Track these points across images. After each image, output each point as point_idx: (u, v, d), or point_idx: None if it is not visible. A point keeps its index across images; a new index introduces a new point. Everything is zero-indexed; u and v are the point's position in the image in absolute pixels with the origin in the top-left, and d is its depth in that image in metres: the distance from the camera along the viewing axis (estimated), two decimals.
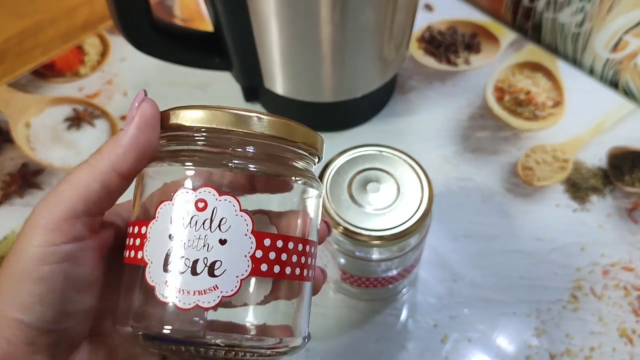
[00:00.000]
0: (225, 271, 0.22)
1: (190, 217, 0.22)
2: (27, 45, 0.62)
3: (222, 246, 0.22)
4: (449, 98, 0.57)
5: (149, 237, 0.23)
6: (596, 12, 0.56)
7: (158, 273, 0.22)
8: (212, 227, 0.22)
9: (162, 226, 0.22)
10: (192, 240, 0.22)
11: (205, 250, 0.22)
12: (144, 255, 0.23)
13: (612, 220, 0.49)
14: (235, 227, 0.22)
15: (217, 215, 0.22)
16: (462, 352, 0.43)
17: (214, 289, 0.22)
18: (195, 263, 0.22)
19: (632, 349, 0.43)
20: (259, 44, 0.46)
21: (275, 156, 0.24)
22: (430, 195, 0.37)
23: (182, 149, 0.24)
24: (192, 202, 0.22)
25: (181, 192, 0.22)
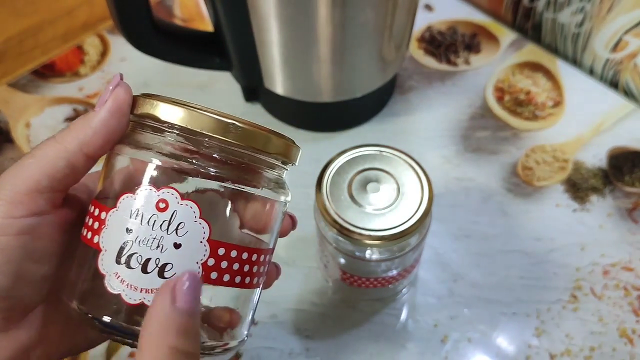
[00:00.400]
0: (175, 274, 0.22)
1: (150, 215, 0.22)
2: (27, 45, 0.62)
3: (176, 250, 0.22)
4: (449, 98, 0.57)
5: (107, 224, 0.23)
6: (596, 12, 0.56)
7: (110, 263, 0.22)
8: (168, 230, 0.22)
9: (121, 217, 0.22)
10: (148, 239, 0.22)
11: (158, 251, 0.22)
12: (99, 240, 0.23)
13: (612, 220, 0.49)
14: (192, 233, 0.22)
15: (176, 218, 0.22)
16: (462, 352, 0.43)
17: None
18: (147, 262, 0.22)
19: (632, 349, 0.43)
20: (259, 44, 0.46)
21: (244, 164, 0.24)
22: (430, 195, 0.37)
23: (151, 141, 0.24)
24: (153, 201, 0.22)
25: (144, 188, 0.22)
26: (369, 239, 0.36)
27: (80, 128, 0.23)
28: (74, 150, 0.23)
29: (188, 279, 0.20)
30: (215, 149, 0.23)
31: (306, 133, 0.55)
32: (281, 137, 0.25)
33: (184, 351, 0.19)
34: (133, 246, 0.22)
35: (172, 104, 0.23)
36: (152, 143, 0.24)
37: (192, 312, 0.20)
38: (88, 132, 0.23)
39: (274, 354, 0.43)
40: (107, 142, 0.24)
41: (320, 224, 0.39)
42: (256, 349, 0.43)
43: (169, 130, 0.23)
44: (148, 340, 0.19)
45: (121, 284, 0.22)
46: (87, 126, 0.23)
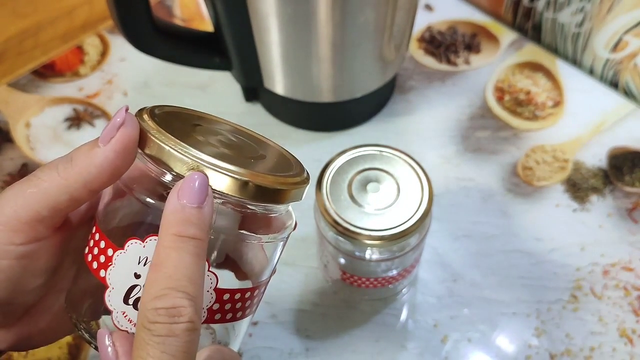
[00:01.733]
0: None
1: None
2: (27, 45, 0.62)
3: None
4: (449, 98, 0.57)
5: (114, 262, 0.23)
6: (596, 12, 0.56)
7: (118, 301, 0.23)
8: None
9: (129, 261, 0.23)
10: None
11: None
12: (106, 275, 0.23)
13: (612, 220, 0.49)
14: None
15: None
16: (462, 352, 0.43)
17: None
18: None
19: (632, 349, 0.43)
20: (259, 44, 0.46)
21: (253, 215, 0.24)
22: (430, 195, 0.37)
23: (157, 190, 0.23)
24: None
25: (154, 238, 0.23)
26: (369, 239, 0.36)
27: (84, 166, 0.23)
28: (77, 187, 0.23)
29: (190, 180, 0.22)
30: (227, 202, 0.23)
31: (306, 133, 0.55)
32: (294, 180, 0.25)
33: (188, 235, 0.21)
34: (141, 290, 0.22)
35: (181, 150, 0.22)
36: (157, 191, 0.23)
37: (194, 204, 0.22)
38: (92, 171, 0.23)
39: (274, 354, 0.43)
40: (111, 179, 0.24)
41: (320, 224, 0.39)
42: (256, 349, 0.43)
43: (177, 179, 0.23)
44: (159, 232, 0.22)
45: (129, 323, 0.23)
46: (92, 164, 0.23)
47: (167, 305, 0.20)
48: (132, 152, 0.23)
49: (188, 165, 0.22)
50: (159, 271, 0.21)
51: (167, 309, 0.20)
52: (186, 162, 0.22)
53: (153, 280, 0.21)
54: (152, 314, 0.20)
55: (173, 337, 0.20)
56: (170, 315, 0.20)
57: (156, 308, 0.20)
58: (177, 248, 0.21)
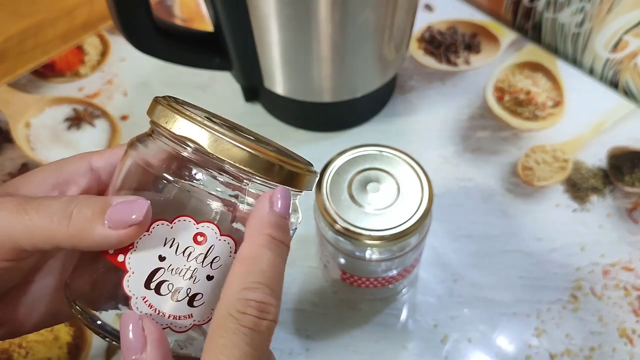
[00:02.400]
0: (203, 303, 0.23)
1: (186, 247, 0.22)
2: (27, 45, 0.62)
3: (208, 281, 0.23)
4: (449, 98, 0.57)
5: (136, 246, 0.22)
6: (596, 12, 0.56)
7: (138, 286, 0.22)
8: (204, 262, 0.23)
9: (154, 243, 0.22)
10: (182, 269, 0.22)
11: (191, 281, 0.23)
12: (125, 260, 0.22)
13: (612, 220, 0.49)
14: (225, 266, 0.23)
15: (213, 253, 0.23)
16: (462, 352, 0.43)
17: (188, 317, 0.23)
18: (178, 290, 0.22)
19: (632, 349, 0.43)
20: (259, 44, 0.46)
21: None
22: (430, 195, 0.37)
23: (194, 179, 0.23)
24: (191, 234, 0.22)
25: (183, 219, 0.22)
26: (369, 239, 0.36)
27: (79, 234, 0.22)
28: (65, 244, 0.23)
29: (281, 192, 0.24)
30: (253, 185, 0.24)
31: (306, 133, 0.55)
32: (308, 167, 0.26)
33: (277, 239, 0.23)
34: (165, 274, 0.22)
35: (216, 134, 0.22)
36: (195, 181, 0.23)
37: (284, 215, 0.24)
38: (86, 241, 0.22)
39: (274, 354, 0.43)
40: (92, 249, 0.23)
41: (320, 224, 0.39)
42: None
43: (217, 171, 0.23)
44: (250, 232, 0.23)
45: (149, 308, 0.22)
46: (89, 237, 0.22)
47: (258, 298, 0.21)
48: (133, 240, 0.23)
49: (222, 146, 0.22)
50: (253, 265, 0.22)
51: (258, 302, 0.21)
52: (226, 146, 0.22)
53: (245, 272, 0.22)
54: (242, 304, 0.21)
55: (257, 331, 0.21)
56: (260, 310, 0.21)
57: (247, 299, 0.21)
58: (271, 248, 0.22)
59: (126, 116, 0.56)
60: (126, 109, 0.57)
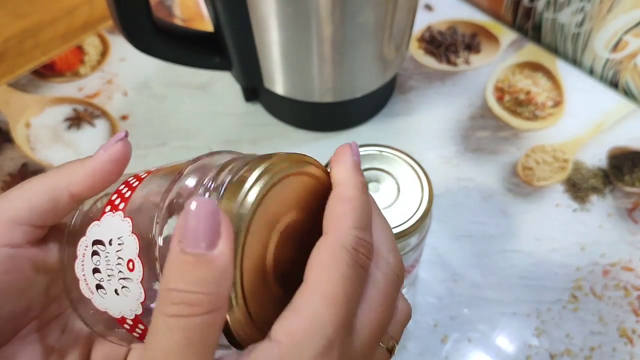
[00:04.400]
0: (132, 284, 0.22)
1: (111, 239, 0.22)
2: (27, 45, 0.62)
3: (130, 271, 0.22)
4: (449, 98, 0.57)
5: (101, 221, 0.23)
6: (596, 12, 0.56)
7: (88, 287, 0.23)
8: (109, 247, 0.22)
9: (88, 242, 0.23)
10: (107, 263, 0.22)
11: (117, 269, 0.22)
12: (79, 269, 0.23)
13: (612, 220, 0.49)
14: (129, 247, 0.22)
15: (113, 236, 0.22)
16: (462, 352, 0.42)
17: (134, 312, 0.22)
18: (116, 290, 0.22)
19: (632, 349, 0.43)
20: (259, 44, 0.46)
21: None
22: (430, 195, 0.37)
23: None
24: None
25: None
26: None
27: (71, 168, 0.23)
28: (60, 187, 0.23)
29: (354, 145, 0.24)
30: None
31: (306, 133, 0.55)
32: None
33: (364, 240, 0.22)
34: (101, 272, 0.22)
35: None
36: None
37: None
38: (79, 172, 0.23)
39: None
40: (94, 186, 0.24)
41: None
42: None
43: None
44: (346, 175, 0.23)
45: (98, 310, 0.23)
46: (80, 166, 0.23)
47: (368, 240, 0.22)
48: (124, 166, 0.24)
49: None
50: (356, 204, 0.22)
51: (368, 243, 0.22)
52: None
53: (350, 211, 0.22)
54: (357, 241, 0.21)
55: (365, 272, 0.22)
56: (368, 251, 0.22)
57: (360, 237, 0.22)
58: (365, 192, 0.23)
59: (126, 116, 0.56)
60: (126, 109, 0.57)
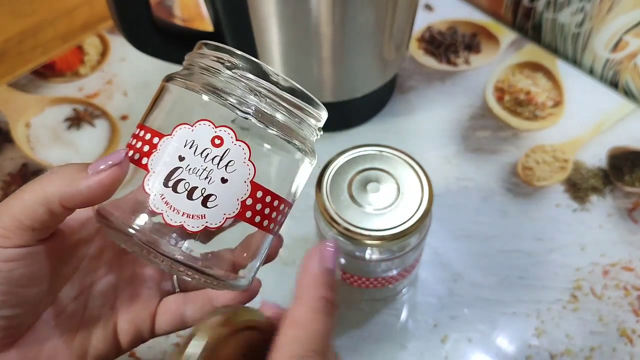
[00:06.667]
0: (216, 206, 0.24)
1: (204, 148, 0.24)
2: (27, 45, 0.62)
3: (222, 184, 0.24)
4: (449, 98, 0.57)
5: (159, 149, 0.24)
6: (596, 12, 0.56)
7: (157, 185, 0.24)
8: (219, 165, 0.24)
9: (175, 145, 0.24)
10: (198, 169, 0.24)
11: (206, 182, 0.24)
12: (148, 162, 0.24)
13: (612, 220, 0.49)
14: (239, 172, 0.24)
15: (228, 156, 0.24)
16: (462, 352, 0.43)
17: (201, 217, 0.24)
18: (193, 189, 0.24)
19: (632, 349, 0.43)
20: (259, 44, 0.46)
21: (289, 121, 0.26)
22: (430, 195, 0.37)
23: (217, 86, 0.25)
24: (209, 136, 0.24)
25: (203, 123, 0.24)
26: (369, 239, 0.36)
27: (65, 183, 0.24)
28: (54, 201, 0.24)
29: (332, 246, 0.24)
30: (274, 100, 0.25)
31: None
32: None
33: (330, 299, 0.23)
34: (182, 173, 0.24)
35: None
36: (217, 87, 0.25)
37: (334, 270, 0.24)
38: (71, 191, 0.24)
39: None
40: (85, 204, 0.24)
41: (320, 224, 0.39)
42: None
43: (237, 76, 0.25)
44: (303, 293, 0.23)
45: (165, 205, 0.24)
46: (73, 185, 0.24)
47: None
48: (113, 190, 0.24)
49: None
50: (307, 330, 0.22)
51: None
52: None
53: (295, 339, 0.22)
54: None
55: None
56: None
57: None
58: (325, 312, 0.23)
59: (126, 116, 0.56)
60: (126, 109, 0.57)
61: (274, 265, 0.46)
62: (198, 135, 0.24)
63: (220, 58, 0.25)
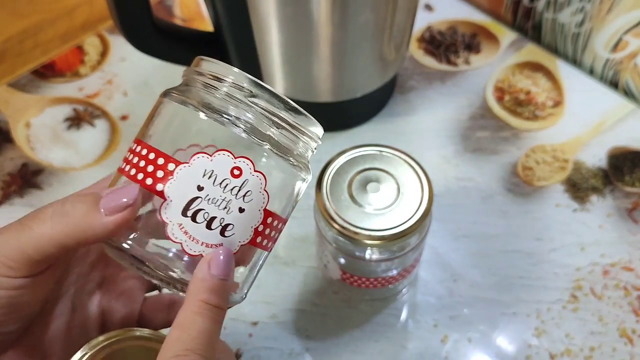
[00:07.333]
0: (233, 234, 0.25)
1: (223, 178, 0.24)
2: (27, 45, 0.62)
3: (239, 213, 0.25)
4: (449, 98, 0.57)
5: (176, 176, 0.24)
6: (596, 12, 0.56)
7: (175, 213, 0.24)
8: (237, 195, 0.24)
9: (193, 173, 0.24)
10: (217, 199, 0.24)
11: (225, 211, 0.24)
12: (164, 189, 0.24)
13: (612, 220, 0.49)
14: (256, 201, 0.25)
15: (246, 186, 0.25)
16: (462, 352, 0.43)
17: (218, 245, 0.25)
18: (212, 219, 0.24)
19: (632, 349, 0.43)
20: (259, 44, 0.46)
21: (285, 138, 0.27)
22: (430, 195, 0.37)
23: (213, 104, 0.25)
24: (229, 167, 0.24)
25: (223, 153, 0.24)
26: (369, 239, 0.36)
27: (79, 226, 0.24)
28: (68, 241, 0.24)
29: (222, 253, 0.24)
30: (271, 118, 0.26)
31: None
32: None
33: (213, 304, 0.24)
34: (202, 203, 0.24)
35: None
36: (216, 102, 0.25)
37: (223, 277, 0.24)
38: (86, 233, 0.24)
39: (274, 354, 0.43)
40: (99, 241, 0.25)
41: (320, 224, 0.39)
42: (256, 349, 0.43)
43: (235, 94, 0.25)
44: (187, 297, 0.24)
45: (184, 235, 0.24)
46: (88, 227, 0.24)
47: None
48: (128, 227, 0.24)
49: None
50: (183, 332, 0.23)
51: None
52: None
53: (176, 339, 0.23)
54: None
55: None
56: None
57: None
58: (202, 314, 0.23)
59: (126, 116, 0.56)
60: (126, 109, 0.57)
61: (274, 265, 0.47)
62: (217, 165, 0.24)
63: (217, 76, 0.25)
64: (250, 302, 0.44)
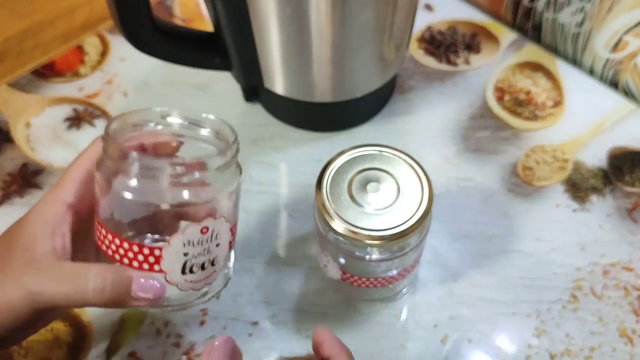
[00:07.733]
0: (219, 260, 0.33)
1: (197, 239, 0.31)
2: (27, 45, 0.62)
3: (217, 247, 0.32)
4: (449, 98, 0.57)
5: (164, 256, 0.30)
6: (596, 12, 0.56)
7: (177, 276, 0.31)
8: (211, 239, 0.31)
9: (177, 248, 0.30)
10: (200, 252, 0.31)
11: (209, 255, 0.32)
12: (162, 267, 0.30)
13: (612, 220, 0.49)
14: (223, 231, 0.32)
15: (215, 231, 0.31)
16: (462, 352, 0.43)
17: (214, 272, 0.33)
18: (203, 264, 0.32)
19: (632, 349, 0.43)
20: (259, 44, 0.46)
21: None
22: (430, 195, 0.37)
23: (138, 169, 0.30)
24: (198, 232, 0.31)
25: (189, 225, 0.30)
26: (369, 239, 0.36)
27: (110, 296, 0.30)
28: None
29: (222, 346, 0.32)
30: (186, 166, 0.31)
31: (306, 133, 0.55)
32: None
33: None
34: (191, 260, 0.31)
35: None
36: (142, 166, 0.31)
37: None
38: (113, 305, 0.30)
39: (274, 354, 0.43)
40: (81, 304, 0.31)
41: (320, 224, 0.39)
42: (256, 349, 0.43)
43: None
44: None
45: (189, 284, 0.32)
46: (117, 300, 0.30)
47: None
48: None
49: None
50: None
51: None
52: None
53: None
54: None
55: None
56: None
57: None
58: None
59: None
60: (126, 109, 0.56)
61: (274, 265, 0.47)
62: (190, 236, 0.30)
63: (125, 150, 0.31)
64: (250, 302, 0.45)
